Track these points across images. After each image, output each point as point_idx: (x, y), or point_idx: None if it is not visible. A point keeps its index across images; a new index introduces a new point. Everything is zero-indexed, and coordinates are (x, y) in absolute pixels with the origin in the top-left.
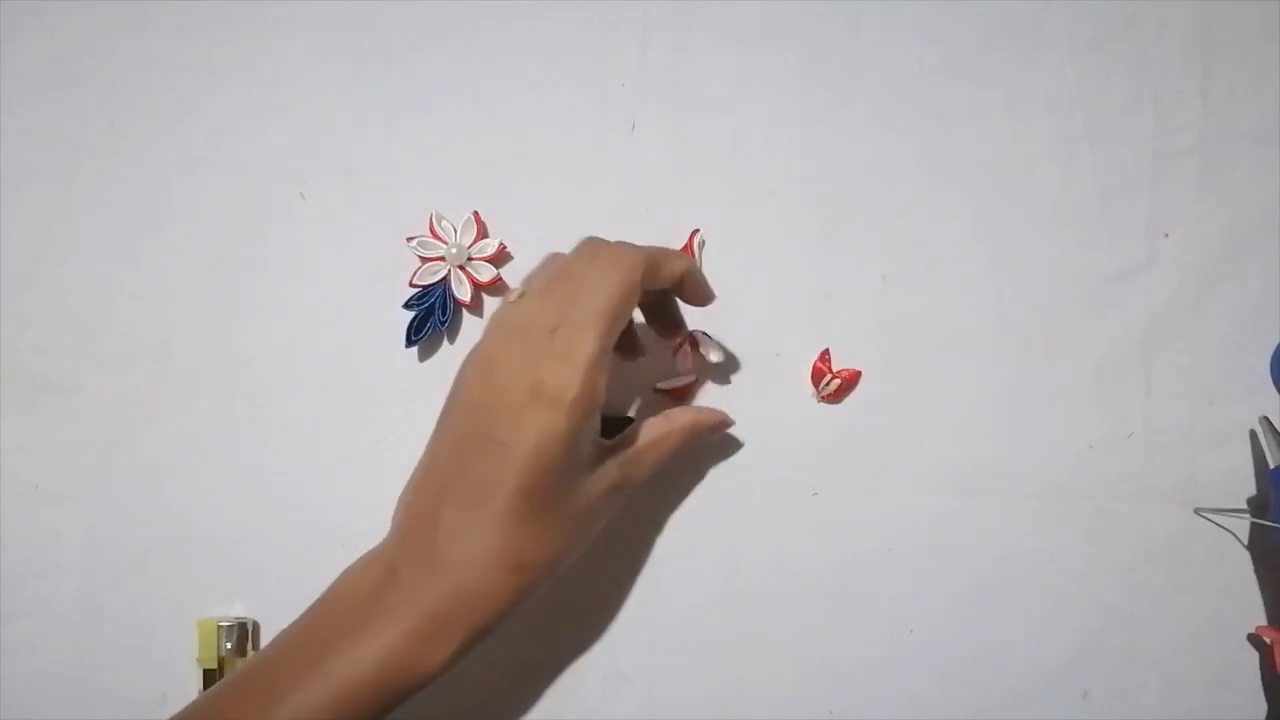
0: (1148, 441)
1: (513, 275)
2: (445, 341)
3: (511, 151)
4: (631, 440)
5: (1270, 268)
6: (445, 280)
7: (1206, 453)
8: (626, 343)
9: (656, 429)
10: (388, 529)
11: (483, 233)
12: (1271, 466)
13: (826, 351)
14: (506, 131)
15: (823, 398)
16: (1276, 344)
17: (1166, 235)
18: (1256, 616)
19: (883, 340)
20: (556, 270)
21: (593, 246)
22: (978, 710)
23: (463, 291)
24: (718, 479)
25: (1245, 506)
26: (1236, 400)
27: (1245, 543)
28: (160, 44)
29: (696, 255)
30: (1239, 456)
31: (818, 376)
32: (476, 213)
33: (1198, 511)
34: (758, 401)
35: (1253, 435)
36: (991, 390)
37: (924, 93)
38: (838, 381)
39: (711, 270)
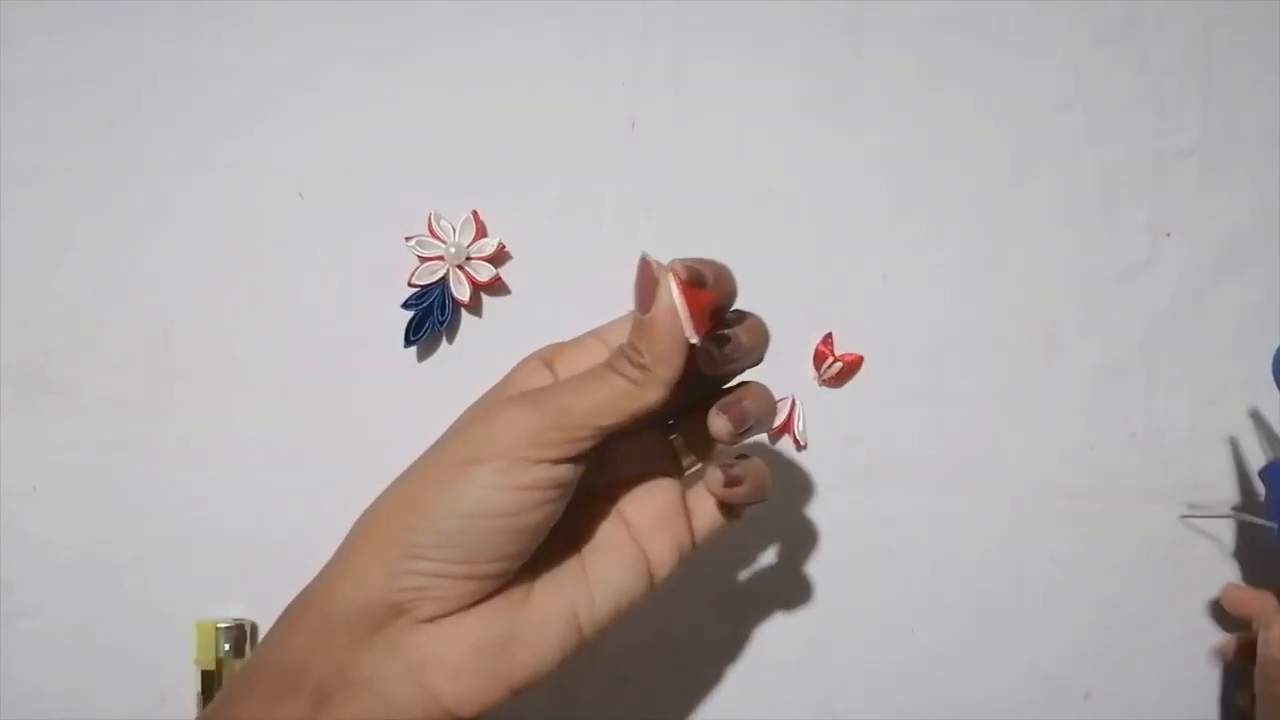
0: (1149, 441)
1: (512, 275)
2: (444, 341)
3: (511, 151)
4: None
5: (1271, 267)
6: (444, 280)
7: (1208, 453)
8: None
9: None
10: None
11: (482, 232)
12: (1266, 461)
13: (829, 335)
14: (506, 130)
15: (824, 381)
16: (1278, 344)
17: (1168, 235)
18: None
19: (883, 340)
20: None
21: None
22: (979, 711)
23: (461, 291)
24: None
25: (1231, 507)
26: (1238, 400)
27: (1234, 542)
28: (159, 44)
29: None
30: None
31: (820, 359)
32: (475, 212)
33: (1184, 518)
34: None
35: (1233, 440)
36: (992, 390)
37: (924, 92)
38: (839, 365)
39: None
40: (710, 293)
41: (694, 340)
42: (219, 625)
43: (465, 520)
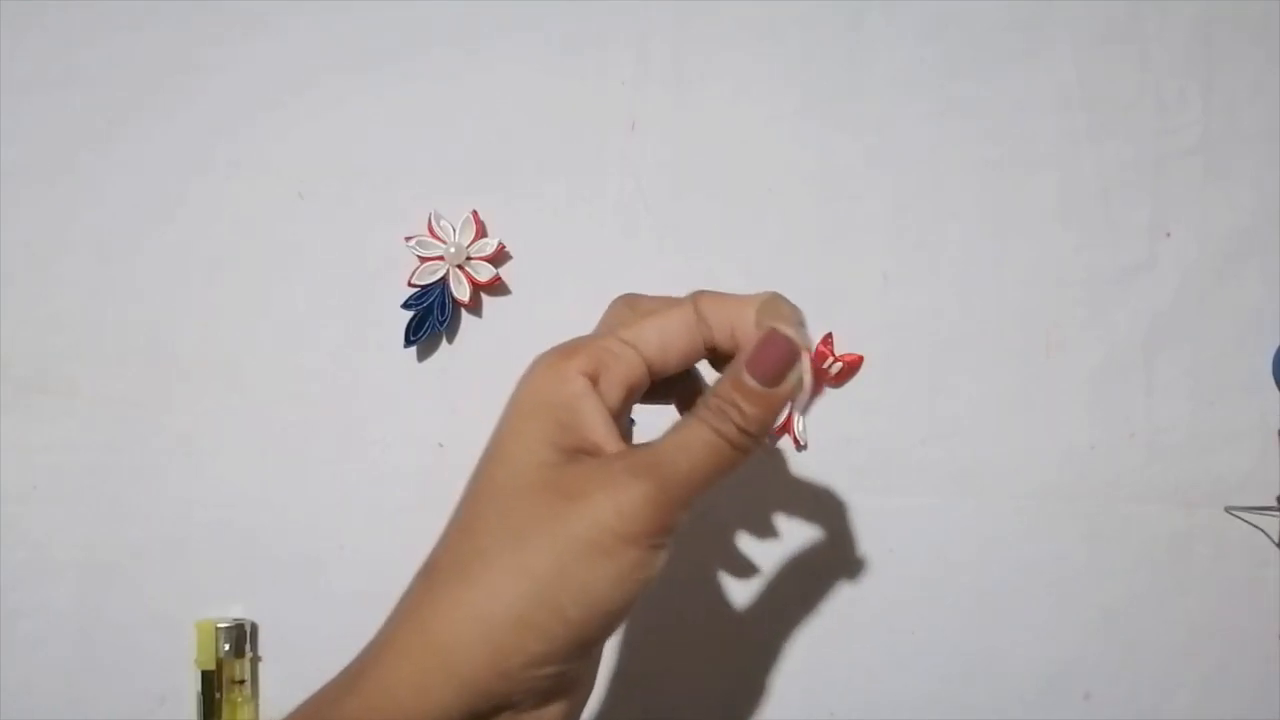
0: (1149, 441)
1: (512, 275)
2: (444, 341)
3: (511, 151)
4: None
5: (1272, 267)
6: (444, 280)
7: (1208, 453)
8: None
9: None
10: (385, 529)
11: (481, 232)
12: None
13: (829, 335)
14: (505, 130)
15: (825, 381)
16: (1276, 344)
17: (1168, 235)
18: (1258, 616)
19: (884, 339)
20: None
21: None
22: (978, 711)
23: (461, 291)
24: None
25: (1276, 504)
26: (1238, 400)
27: (1277, 541)
28: (159, 43)
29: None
30: (1241, 456)
31: (820, 359)
32: (475, 212)
33: (1229, 510)
34: None
35: None
36: (993, 390)
37: (925, 91)
38: (840, 365)
39: (712, 269)
40: (826, 373)
41: (803, 415)
42: (219, 625)
43: (604, 618)
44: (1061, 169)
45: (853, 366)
